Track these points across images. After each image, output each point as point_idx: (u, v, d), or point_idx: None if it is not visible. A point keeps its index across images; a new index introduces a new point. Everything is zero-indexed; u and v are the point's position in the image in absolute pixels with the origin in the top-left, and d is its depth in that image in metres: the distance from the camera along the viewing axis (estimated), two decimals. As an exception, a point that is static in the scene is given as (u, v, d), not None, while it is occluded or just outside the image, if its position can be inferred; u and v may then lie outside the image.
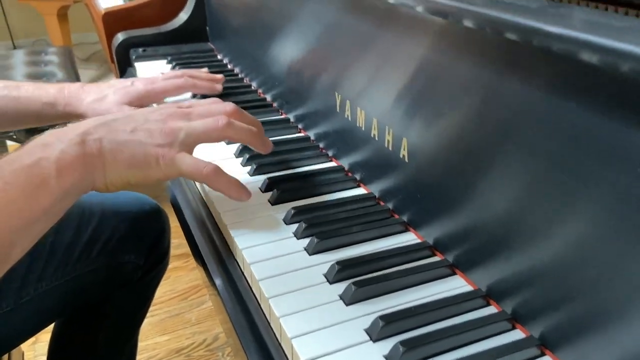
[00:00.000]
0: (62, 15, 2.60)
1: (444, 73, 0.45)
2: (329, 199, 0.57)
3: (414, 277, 0.45)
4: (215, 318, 1.38)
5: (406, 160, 0.51)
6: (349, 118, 0.60)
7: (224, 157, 0.67)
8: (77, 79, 1.69)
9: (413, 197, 0.51)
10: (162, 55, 1.05)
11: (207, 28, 1.13)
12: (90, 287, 0.76)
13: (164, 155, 0.47)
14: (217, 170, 0.50)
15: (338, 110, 0.62)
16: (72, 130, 0.45)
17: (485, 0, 0.40)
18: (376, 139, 0.55)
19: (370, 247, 0.50)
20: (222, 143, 0.70)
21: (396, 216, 0.54)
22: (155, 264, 0.83)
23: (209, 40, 1.13)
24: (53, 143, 0.43)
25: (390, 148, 0.53)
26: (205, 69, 0.88)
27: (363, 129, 0.57)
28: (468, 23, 0.40)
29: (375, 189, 0.57)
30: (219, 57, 1.07)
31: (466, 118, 0.43)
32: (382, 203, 0.56)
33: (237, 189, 0.52)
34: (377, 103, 0.55)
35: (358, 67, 0.58)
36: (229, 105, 0.53)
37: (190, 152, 0.50)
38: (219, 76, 0.85)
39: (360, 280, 0.43)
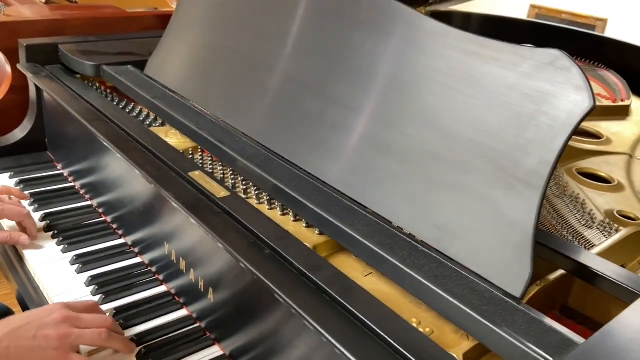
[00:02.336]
0: None
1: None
2: (163, 321, 0.83)
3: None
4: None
5: (212, 300, 0.79)
6: (174, 260, 0.86)
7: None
8: None
9: (215, 324, 0.79)
10: (4, 169, 1.20)
11: (46, 140, 1.29)
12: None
13: (58, 357, 0.66)
14: None
15: (166, 252, 0.88)
16: None
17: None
18: (193, 281, 0.82)
19: (189, 361, 0.77)
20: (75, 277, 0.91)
21: (207, 334, 0.81)
22: None
23: (47, 150, 1.30)
24: None
25: (202, 290, 0.80)
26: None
27: (184, 271, 0.84)
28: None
29: (192, 310, 0.85)
30: (58, 167, 1.25)
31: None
32: (199, 323, 0.83)
33: None
34: (196, 258, 0.82)
35: (181, 226, 0.85)
36: (109, 320, 0.74)
37: (77, 350, 0.70)
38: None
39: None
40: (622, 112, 1.49)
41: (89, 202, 1.12)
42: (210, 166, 0.93)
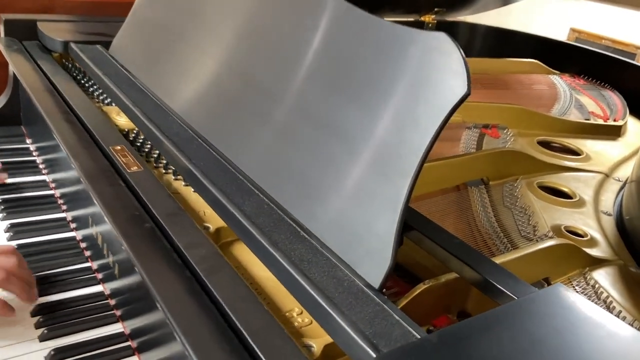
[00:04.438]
0: None
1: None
2: (76, 294, 0.82)
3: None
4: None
5: (117, 276, 0.78)
6: (95, 235, 0.86)
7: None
8: None
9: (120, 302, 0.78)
10: (-26, 139, 1.23)
11: (21, 114, 1.32)
12: None
13: None
14: None
15: (90, 227, 0.87)
16: None
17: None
18: (106, 256, 0.81)
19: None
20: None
21: (115, 311, 0.80)
22: None
23: (22, 124, 1.33)
24: None
25: (112, 268, 0.80)
26: None
27: (100, 246, 0.83)
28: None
29: (107, 287, 0.84)
30: (28, 141, 1.27)
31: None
32: (110, 301, 0.82)
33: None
34: (103, 232, 0.81)
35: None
36: (11, 262, 0.73)
37: None
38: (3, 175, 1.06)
39: None
40: (612, 132, 1.43)
41: (44, 177, 1.14)
42: (149, 145, 0.92)
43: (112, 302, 0.81)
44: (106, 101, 1.11)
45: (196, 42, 0.97)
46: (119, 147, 0.82)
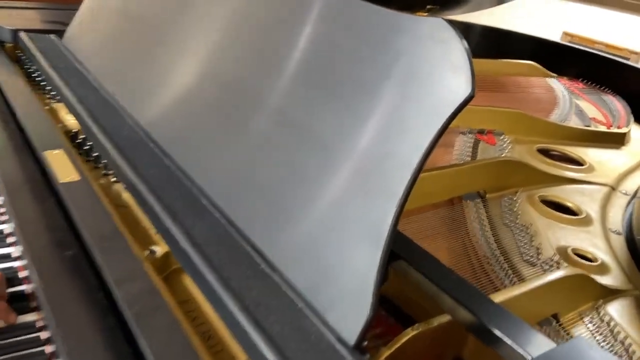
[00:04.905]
0: None
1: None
2: None
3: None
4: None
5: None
6: (29, 254, 0.73)
7: None
8: None
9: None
10: None
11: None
12: None
13: None
14: None
15: (25, 243, 0.75)
16: None
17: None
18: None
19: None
20: None
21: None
22: None
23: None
24: None
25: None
26: None
27: (35, 267, 0.71)
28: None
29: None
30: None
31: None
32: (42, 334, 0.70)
33: None
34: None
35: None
36: None
37: None
38: None
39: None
40: (616, 140, 1.32)
41: (-14, 181, 1.01)
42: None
43: (45, 334, 0.69)
44: (57, 97, 0.98)
45: (165, 34, 0.85)
46: (56, 152, 0.69)
